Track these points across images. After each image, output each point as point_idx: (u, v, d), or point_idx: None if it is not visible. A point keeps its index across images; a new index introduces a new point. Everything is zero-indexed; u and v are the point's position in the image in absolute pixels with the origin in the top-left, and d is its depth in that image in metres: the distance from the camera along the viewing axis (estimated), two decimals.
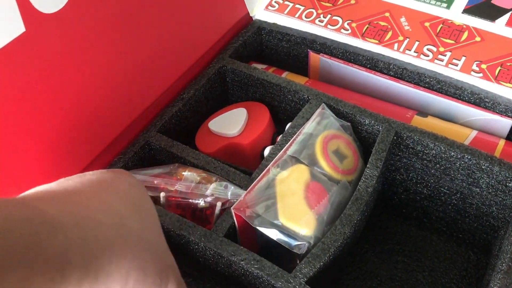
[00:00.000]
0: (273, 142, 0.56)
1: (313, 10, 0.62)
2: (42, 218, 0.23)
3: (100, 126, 0.49)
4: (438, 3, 0.60)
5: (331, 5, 0.63)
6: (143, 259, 0.27)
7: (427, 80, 0.56)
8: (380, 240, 0.55)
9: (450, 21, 0.58)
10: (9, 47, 0.39)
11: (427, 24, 0.58)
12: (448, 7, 0.59)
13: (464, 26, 0.58)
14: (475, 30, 0.57)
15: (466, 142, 0.52)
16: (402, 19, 0.59)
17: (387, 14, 0.60)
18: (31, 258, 0.21)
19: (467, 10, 0.59)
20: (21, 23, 0.39)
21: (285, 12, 0.64)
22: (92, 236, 0.25)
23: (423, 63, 0.56)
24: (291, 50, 0.64)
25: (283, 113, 0.59)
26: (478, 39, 0.57)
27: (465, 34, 0.57)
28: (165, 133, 0.53)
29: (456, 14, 0.59)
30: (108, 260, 0.25)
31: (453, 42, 0.57)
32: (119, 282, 0.25)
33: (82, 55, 0.45)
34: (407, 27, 0.58)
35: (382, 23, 0.59)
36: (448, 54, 0.56)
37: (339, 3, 0.62)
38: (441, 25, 0.58)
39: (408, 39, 0.58)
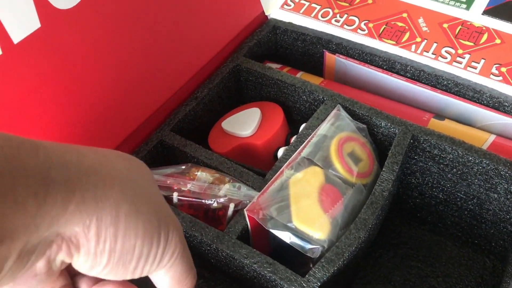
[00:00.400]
0: (287, 143, 0.55)
1: (330, 10, 0.61)
2: (22, 138, 0.22)
3: (113, 124, 0.49)
4: (457, 4, 0.59)
5: (347, 4, 0.62)
6: (133, 195, 0.25)
7: (445, 82, 0.55)
8: (394, 244, 0.54)
9: (469, 23, 0.57)
10: (24, 42, 0.39)
11: (445, 25, 0.57)
12: (467, 8, 0.58)
13: (484, 28, 0.56)
14: (495, 32, 0.56)
15: (484, 147, 0.51)
16: (420, 20, 0.58)
17: (404, 15, 0.59)
18: (12, 168, 0.20)
19: (487, 12, 0.58)
20: (36, 18, 0.39)
21: (301, 11, 0.63)
22: (75, 161, 0.23)
23: (441, 65, 0.55)
24: (306, 50, 0.64)
25: (297, 114, 0.58)
26: (498, 41, 0.56)
27: (485, 36, 0.56)
28: (178, 132, 0.52)
29: (475, 15, 0.58)
30: (94, 184, 0.24)
31: (472, 44, 0.55)
32: (109, 211, 0.24)
33: (96, 52, 0.45)
34: (425, 28, 0.57)
35: (400, 24, 0.58)
36: (467, 56, 0.55)
37: (355, 2, 0.61)
38: (460, 27, 0.57)
39: (426, 40, 0.57)
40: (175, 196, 0.45)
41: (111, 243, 0.24)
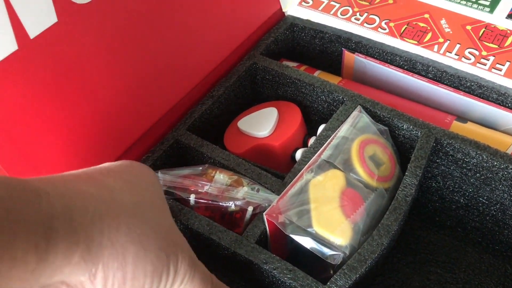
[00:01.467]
0: (304, 144, 0.54)
1: (349, 8, 0.59)
2: (24, 185, 0.21)
3: (128, 121, 0.48)
4: (481, 7, 0.57)
5: (367, 3, 0.60)
6: (140, 233, 0.25)
7: (468, 84, 0.54)
8: (413, 249, 0.53)
9: (493, 26, 0.56)
10: (41, 37, 0.38)
11: (468, 27, 0.55)
12: (491, 11, 0.56)
13: (508, 31, 0.55)
14: None
15: (509, 151, 0.50)
16: (443, 21, 0.56)
17: (426, 16, 0.57)
18: (12, 221, 0.19)
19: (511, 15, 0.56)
20: (53, 13, 0.38)
21: (320, 8, 0.62)
22: (80, 206, 0.23)
23: (464, 66, 0.54)
24: (324, 48, 0.62)
25: (315, 114, 0.57)
26: None
27: (510, 40, 0.54)
28: (194, 132, 0.51)
29: (499, 19, 0.56)
30: (99, 231, 0.23)
31: (496, 46, 0.54)
32: (115, 257, 0.23)
33: (111, 48, 0.44)
34: (447, 29, 0.56)
35: (421, 24, 0.57)
36: (492, 58, 0.53)
37: (376, 2, 0.59)
38: (483, 29, 0.55)
39: (448, 41, 0.55)
40: (192, 198, 0.44)
41: (119, 287, 0.23)
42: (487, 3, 0.57)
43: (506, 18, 0.56)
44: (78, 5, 0.40)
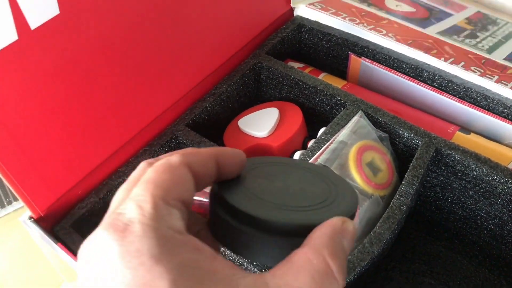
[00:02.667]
0: (304, 146, 0.54)
1: (357, 19, 0.59)
2: None
3: (127, 116, 0.48)
4: (479, 50, 0.57)
5: (373, 21, 0.60)
6: None
7: (474, 95, 0.53)
8: (408, 258, 0.53)
9: (493, 60, 0.56)
10: (42, 28, 0.38)
11: (471, 56, 0.55)
12: (489, 53, 0.57)
13: (509, 66, 0.55)
14: None
15: (510, 166, 0.49)
16: (446, 47, 0.56)
17: (430, 40, 0.57)
18: None
19: (508, 60, 0.57)
20: (56, 4, 0.38)
21: (329, 11, 0.61)
22: None
23: (471, 77, 0.53)
24: (330, 50, 0.62)
25: (317, 117, 0.57)
26: None
27: (511, 70, 0.54)
28: (193, 128, 0.51)
29: (497, 59, 0.57)
30: None
31: (499, 71, 0.54)
32: None
33: (114, 42, 0.44)
34: (451, 52, 0.55)
35: (426, 44, 0.56)
36: (497, 76, 0.53)
37: (382, 22, 0.59)
38: (484, 60, 0.55)
39: (454, 58, 0.55)
40: None
41: None
42: (486, 47, 0.57)
43: (503, 59, 0.57)
44: None
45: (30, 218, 0.42)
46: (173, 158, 0.24)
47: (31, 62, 0.38)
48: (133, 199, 0.22)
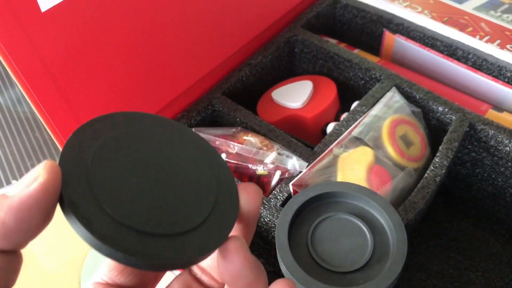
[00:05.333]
0: (336, 119, 0.54)
1: None
2: None
3: (164, 82, 0.49)
4: None
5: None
6: None
7: (508, 74, 0.53)
8: (435, 234, 0.53)
9: None
10: (52, 11, 0.37)
11: (508, 33, 0.55)
12: None
13: None
14: None
15: None
16: (482, 24, 0.56)
17: (466, 17, 0.57)
18: None
19: None
20: None
21: None
22: None
23: (506, 55, 0.53)
24: (365, 27, 0.62)
25: (350, 91, 0.57)
26: None
27: None
28: (229, 96, 0.52)
29: None
30: None
31: None
32: None
33: (156, 9, 0.45)
34: (487, 29, 0.55)
35: (462, 21, 0.56)
36: None
37: None
38: None
39: (489, 36, 0.54)
40: (223, 157, 0.45)
41: None
42: None
43: None
44: None
45: None
46: None
47: (78, 23, 0.39)
48: None
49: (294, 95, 0.54)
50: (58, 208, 0.19)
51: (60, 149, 0.42)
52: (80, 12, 0.39)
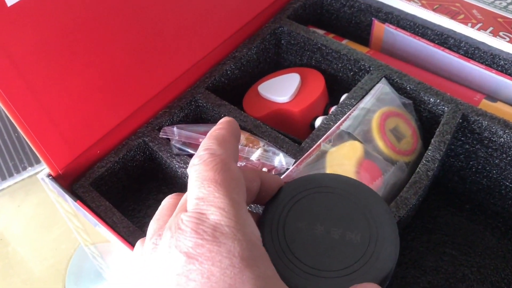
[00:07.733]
0: (325, 113, 0.53)
1: None
2: None
3: (146, 78, 0.47)
4: (510, 8, 0.55)
5: None
6: None
7: (502, 62, 0.51)
8: (429, 229, 0.52)
9: None
10: (19, 5, 0.35)
11: (500, 20, 0.53)
12: None
13: None
14: None
15: None
16: (474, 11, 0.54)
17: (457, 4, 0.55)
18: None
19: None
20: None
21: None
22: None
23: (499, 43, 0.51)
24: (353, 17, 0.60)
25: (339, 83, 0.55)
26: None
27: None
28: (213, 91, 0.50)
29: None
30: None
31: None
32: None
33: (133, 2, 0.43)
34: (479, 16, 0.53)
35: (453, 8, 0.54)
36: None
37: None
38: None
39: (481, 23, 0.53)
40: None
41: None
42: None
43: None
44: None
45: (49, 175, 0.42)
46: (222, 156, 0.24)
47: (50, 18, 0.37)
48: (209, 201, 0.22)
49: (281, 89, 0.53)
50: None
51: (34, 149, 0.40)
52: (51, 7, 0.37)
